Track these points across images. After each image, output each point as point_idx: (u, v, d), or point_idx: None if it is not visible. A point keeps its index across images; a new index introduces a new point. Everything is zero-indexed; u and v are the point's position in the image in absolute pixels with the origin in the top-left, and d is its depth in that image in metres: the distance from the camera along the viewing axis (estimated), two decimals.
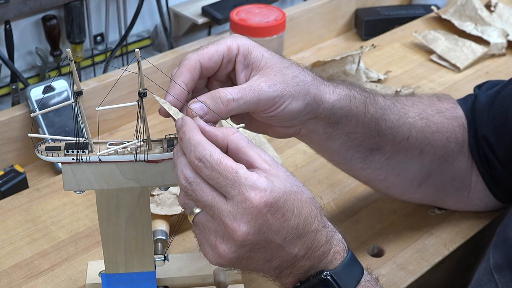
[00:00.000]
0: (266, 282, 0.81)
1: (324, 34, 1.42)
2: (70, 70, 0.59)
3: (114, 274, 0.71)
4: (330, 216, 0.92)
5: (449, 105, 0.85)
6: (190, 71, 0.67)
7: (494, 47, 1.31)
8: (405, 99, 0.82)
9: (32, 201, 0.94)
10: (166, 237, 0.83)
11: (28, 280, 0.82)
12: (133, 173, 0.65)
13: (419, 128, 0.80)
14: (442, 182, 0.86)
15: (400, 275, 0.83)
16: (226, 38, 0.69)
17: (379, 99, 0.78)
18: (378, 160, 0.80)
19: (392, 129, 0.78)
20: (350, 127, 0.75)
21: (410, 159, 0.81)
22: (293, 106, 0.69)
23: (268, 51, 0.70)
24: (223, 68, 0.69)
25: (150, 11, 1.29)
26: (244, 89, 0.66)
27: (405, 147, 0.80)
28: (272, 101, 0.67)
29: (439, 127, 0.82)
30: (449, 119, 0.84)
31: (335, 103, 0.72)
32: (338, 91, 0.73)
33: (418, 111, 0.81)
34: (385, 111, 0.77)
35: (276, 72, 0.68)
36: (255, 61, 0.68)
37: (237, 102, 0.65)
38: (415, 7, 1.49)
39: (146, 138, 0.64)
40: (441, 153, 0.83)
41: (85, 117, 0.63)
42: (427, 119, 0.81)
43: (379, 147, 0.79)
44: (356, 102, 0.74)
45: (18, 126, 1.02)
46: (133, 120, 0.83)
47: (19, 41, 1.12)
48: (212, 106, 0.64)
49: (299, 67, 0.71)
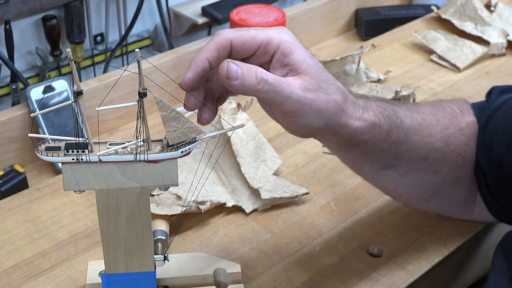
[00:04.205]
0: (266, 282, 0.81)
1: (324, 34, 1.42)
2: (70, 70, 0.59)
3: (114, 274, 0.71)
4: (330, 216, 0.92)
5: (469, 118, 0.81)
6: (218, 49, 0.66)
7: (494, 47, 1.31)
8: (431, 114, 0.78)
9: (32, 201, 0.94)
10: (166, 237, 0.83)
11: (28, 280, 0.82)
12: (133, 173, 0.65)
13: (438, 148, 0.77)
14: (451, 199, 0.85)
15: (400, 275, 0.83)
16: (271, 29, 0.67)
17: (406, 121, 0.75)
18: (390, 175, 0.78)
19: (411, 151, 0.76)
20: (367, 149, 0.73)
21: (423, 178, 0.79)
22: (313, 120, 0.67)
23: (310, 55, 0.68)
24: (255, 57, 0.67)
25: (150, 11, 1.29)
26: (281, 80, 0.64)
27: (421, 167, 0.78)
28: (298, 106, 0.65)
29: (457, 146, 0.79)
30: (467, 137, 0.80)
31: (357, 129, 0.70)
32: (365, 117, 0.70)
33: (440, 129, 0.78)
34: (409, 134, 0.75)
35: (313, 83, 0.66)
36: (295, 62, 0.66)
37: (269, 86, 0.64)
38: (415, 7, 1.49)
39: (146, 138, 0.64)
40: (455, 173, 0.80)
41: (85, 117, 0.63)
42: (448, 138, 0.78)
43: (394, 165, 0.77)
44: (379, 130, 0.72)
45: (18, 126, 1.02)
46: (133, 120, 0.83)
47: (19, 41, 1.12)
48: (246, 75, 0.63)
49: (335, 83, 0.68)
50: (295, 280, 0.82)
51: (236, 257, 0.85)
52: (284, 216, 0.92)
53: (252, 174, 0.95)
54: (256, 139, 1.00)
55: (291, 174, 1.00)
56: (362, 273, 0.83)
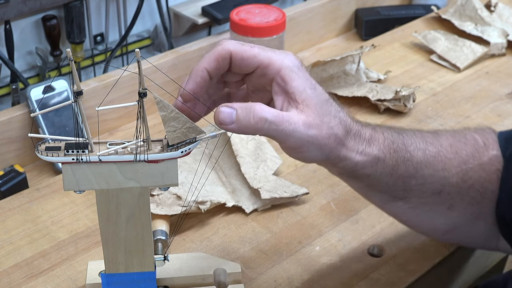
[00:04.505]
0: (266, 282, 0.81)
1: (324, 34, 1.42)
2: (70, 70, 0.59)
3: (114, 274, 0.71)
4: (330, 216, 0.92)
5: (492, 152, 0.75)
6: (217, 59, 0.65)
7: (494, 47, 1.31)
8: (449, 146, 0.73)
9: (32, 201, 0.94)
10: (166, 237, 0.83)
11: (28, 280, 0.82)
12: (133, 173, 0.65)
13: (454, 183, 0.73)
14: (471, 234, 0.79)
15: (400, 275, 0.83)
16: (275, 52, 0.65)
17: (418, 154, 0.71)
18: (401, 207, 0.74)
19: (422, 185, 0.72)
20: (371, 182, 0.71)
21: (437, 212, 0.75)
22: (314, 155, 0.65)
23: (312, 85, 0.65)
24: (255, 76, 0.66)
25: (150, 11, 1.29)
26: (283, 117, 0.62)
27: (435, 201, 0.74)
28: (300, 143, 0.64)
29: (476, 182, 0.73)
30: (488, 172, 0.74)
31: (358, 163, 0.68)
32: (368, 151, 0.68)
33: (458, 163, 0.73)
34: (420, 168, 0.71)
35: (315, 117, 0.64)
36: (294, 91, 0.64)
37: (269, 125, 0.62)
38: (415, 7, 1.49)
39: (146, 138, 0.64)
40: (473, 209, 0.75)
41: (85, 117, 0.63)
42: (466, 173, 0.73)
43: (404, 197, 0.73)
44: (383, 164, 0.69)
45: (18, 126, 1.02)
46: (133, 120, 0.83)
47: (19, 41, 1.12)
48: (241, 117, 0.62)
49: (338, 115, 0.66)
50: (295, 280, 0.82)
51: (236, 257, 0.85)
52: (284, 216, 0.92)
53: (252, 174, 0.95)
54: (256, 139, 1.00)
55: (291, 174, 1.00)
56: (362, 273, 0.83)
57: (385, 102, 1.14)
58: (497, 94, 1.21)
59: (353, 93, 1.16)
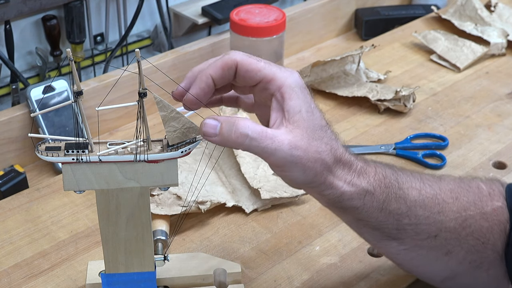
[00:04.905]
0: (266, 282, 0.81)
1: (324, 34, 1.42)
2: (70, 70, 0.60)
3: (114, 274, 0.71)
4: (330, 216, 0.92)
5: (498, 203, 0.72)
6: (223, 68, 0.65)
7: (494, 47, 1.31)
8: (449, 191, 0.71)
9: (32, 201, 0.94)
10: (166, 237, 0.83)
11: (28, 280, 0.82)
12: (133, 173, 0.65)
13: (451, 228, 0.70)
14: (472, 284, 0.75)
15: (400, 275, 0.83)
16: (281, 69, 0.65)
17: (412, 193, 0.69)
18: (395, 247, 0.71)
19: (416, 226, 0.69)
20: (360, 216, 0.69)
21: (434, 257, 0.72)
22: (297, 176, 0.64)
23: (310, 108, 0.65)
24: (257, 90, 0.66)
25: (150, 11, 1.29)
26: (266, 135, 0.62)
27: (430, 245, 0.71)
28: (282, 162, 0.63)
29: (475, 230, 0.71)
30: (490, 222, 0.71)
31: (345, 193, 0.66)
32: (356, 182, 0.66)
33: (457, 208, 0.70)
34: (413, 207, 0.69)
35: (303, 139, 0.63)
36: (289, 110, 0.64)
37: (250, 141, 0.62)
38: (415, 7, 1.49)
39: (146, 138, 0.64)
40: (473, 258, 0.72)
41: (85, 117, 0.63)
42: (464, 219, 0.70)
43: (398, 238, 0.70)
44: (372, 198, 0.67)
45: (18, 126, 1.02)
46: (133, 120, 0.83)
47: (19, 41, 1.12)
48: (224, 130, 0.62)
49: (330, 143, 0.65)
50: (295, 280, 0.82)
51: (236, 257, 0.85)
52: (284, 216, 0.92)
53: (252, 174, 0.95)
54: None
55: None
56: (362, 273, 0.83)
57: (385, 102, 1.14)
58: (497, 94, 1.21)
59: (353, 93, 1.16)
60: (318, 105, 0.67)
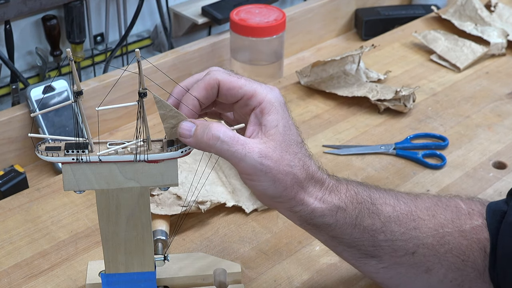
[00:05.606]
0: (266, 282, 0.81)
1: (324, 34, 1.42)
2: (70, 70, 0.59)
3: (114, 274, 0.71)
4: None
5: (477, 222, 0.72)
6: (206, 88, 0.66)
7: (494, 47, 1.31)
8: (425, 209, 0.71)
9: (32, 201, 0.94)
10: (166, 237, 0.83)
11: (28, 280, 0.82)
12: (133, 173, 0.65)
13: (429, 244, 0.70)
14: None
15: None
16: (261, 86, 0.66)
17: (386, 209, 0.69)
18: (374, 266, 0.71)
19: (393, 242, 0.69)
20: (334, 233, 0.69)
21: (414, 275, 0.71)
22: (266, 187, 0.64)
23: (287, 124, 0.66)
24: (238, 106, 0.67)
25: (150, 11, 1.29)
26: (238, 140, 0.63)
27: (409, 261, 0.70)
28: (252, 170, 0.63)
29: (454, 247, 0.70)
30: (469, 240, 0.71)
31: (316, 210, 0.67)
32: (328, 199, 0.67)
33: (434, 225, 0.70)
34: (388, 222, 0.69)
35: (276, 151, 0.64)
36: (266, 124, 0.65)
37: (221, 144, 0.63)
38: (415, 7, 1.49)
39: (146, 138, 0.64)
40: (454, 276, 0.71)
41: (85, 117, 0.63)
42: (442, 236, 0.70)
43: (376, 255, 0.70)
44: (344, 214, 0.67)
45: (18, 126, 1.02)
46: (133, 120, 0.83)
47: (19, 41, 1.12)
48: (198, 132, 0.63)
49: (303, 159, 0.66)
50: (295, 280, 0.82)
51: (236, 257, 0.85)
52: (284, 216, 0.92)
53: None
54: None
55: None
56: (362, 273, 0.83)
57: (385, 102, 1.14)
58: (497, 94, 1.21)
59: (353, 93, 1.16)
60: (295, 122, 0.68)
